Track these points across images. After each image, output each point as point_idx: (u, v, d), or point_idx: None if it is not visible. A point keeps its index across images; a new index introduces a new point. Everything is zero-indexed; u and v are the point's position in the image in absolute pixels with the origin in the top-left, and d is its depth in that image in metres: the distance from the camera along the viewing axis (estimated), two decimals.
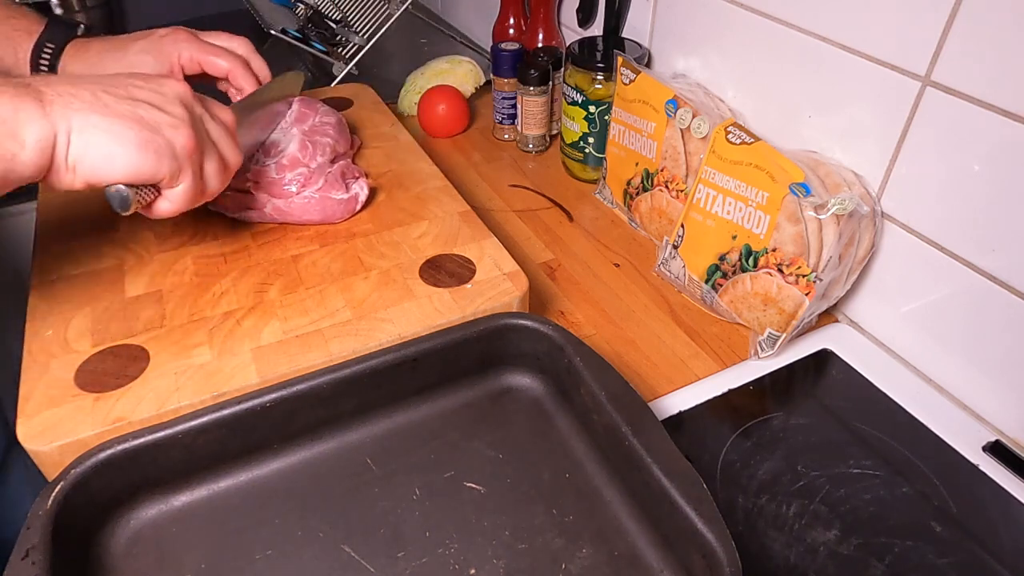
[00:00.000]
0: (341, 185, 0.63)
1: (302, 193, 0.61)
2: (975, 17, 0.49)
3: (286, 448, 0.48)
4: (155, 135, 0.45)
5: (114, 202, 0.46)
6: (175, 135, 0.46)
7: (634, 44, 0.81)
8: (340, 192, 0.63)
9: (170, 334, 0.52)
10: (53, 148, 0.42)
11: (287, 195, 0.61)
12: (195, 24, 0.69)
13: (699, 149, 0.66)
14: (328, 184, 0.62)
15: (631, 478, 0.45)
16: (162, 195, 0.48)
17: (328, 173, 0.63)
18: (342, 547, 0.44)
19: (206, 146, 0.49)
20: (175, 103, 0.47)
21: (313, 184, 0.62)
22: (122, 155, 0.44)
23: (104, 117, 0.43)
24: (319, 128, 0.66)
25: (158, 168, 0.45)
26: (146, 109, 0.46)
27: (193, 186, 0.48)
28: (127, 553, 0.43)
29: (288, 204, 0.61)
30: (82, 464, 0.41)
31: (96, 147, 0.43)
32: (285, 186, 0.61)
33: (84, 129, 0.43)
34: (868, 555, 0.47)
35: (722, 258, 0.63)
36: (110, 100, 0.44)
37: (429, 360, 0.50)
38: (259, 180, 0.61)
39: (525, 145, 0.92)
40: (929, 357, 0.60)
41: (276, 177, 0.61)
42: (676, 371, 0.61)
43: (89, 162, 0.43)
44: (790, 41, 0.63)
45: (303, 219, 0.62)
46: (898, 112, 0.56)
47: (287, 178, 0.61)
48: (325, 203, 0.62)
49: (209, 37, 0.65)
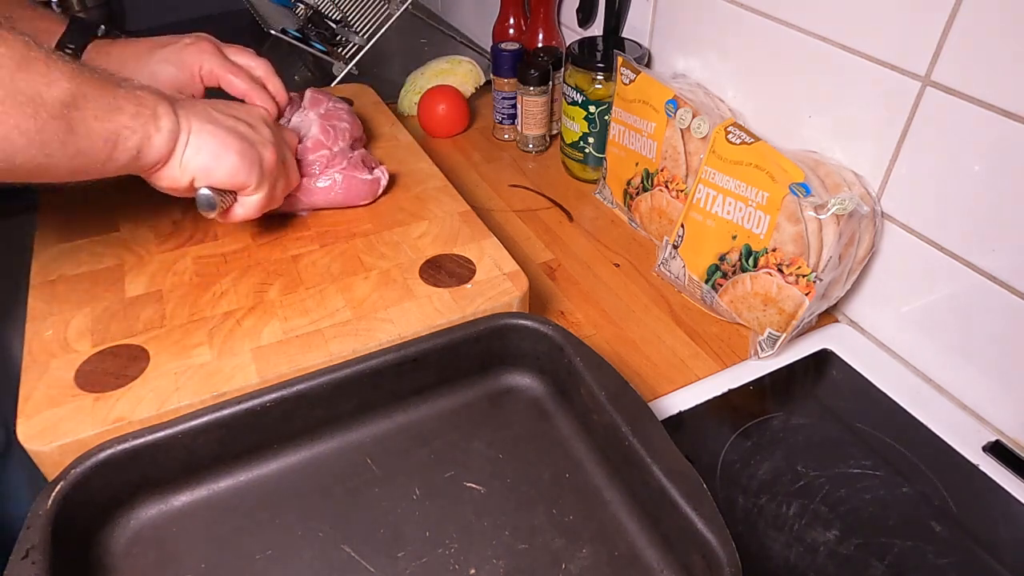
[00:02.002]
0: (364, 168, 0.65)
1: (326, 173, 0.63)
2: (975, 17, 0.49)
3: (286, 448, 0.48)
4: (252, 148, 0.53)
5: (203, 203, 0.52)
6: (265, 151, 0.55)
7: (634, 44, 0.81)
8: (364, 173, 0.65)
9: (170, 334, 0.52)
10: (175, 141, 0.49)
11: (312, 175, 0.63)
12: (196, 24, 0.69)
13: (699, 149, 0.66)
14: (352, 166, 0.64)
15: (631, 478, 0.45)
16: (238, 201, 0.55)
17: (350, 157, 0.65)
18: (342, 547, 0.44)
19: (281, 165, 0.57)
20: (263, 126, 0.57)
21: (337, 165, 0.63)
22: (227, 160, 0.51)
23: (216, 127, 0.52)
24: (334, 113, 0.68)
25: (249, 176, 0.53)
26: (244, 127, 0.54)
27: (267, 196, 0.56)
28: (127, 553, 0.43)
29: (312, 184, 0.63)
30: (82, 464, 0.41)
31: (207, 149, 0.51)
32: (311, 166, 0.63)
33: (200, 133, 0.50)
34: (868, 555, 0.47)
35: (722, 258, 0.63)
36: (218, 115, 0.53)
37: (429, 360, 0.50)
38: None
39: (525, 145, 0.92)
40: (929, 357, 0.60)
41: (301, 159, 0.63)
42: (676, 371, 0.61)
43: (199, 161, 0.50)
44: (790, 41, 0.63)
45: (328, 200, 0.64)
46: (898, 112, 0.56)
47: (311, 158, 0.63)
48: (350, 183, 0.64)
49: (232, 52, 0.66)
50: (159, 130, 0.48)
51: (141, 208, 0.65)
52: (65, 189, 0.68)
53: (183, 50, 0.63)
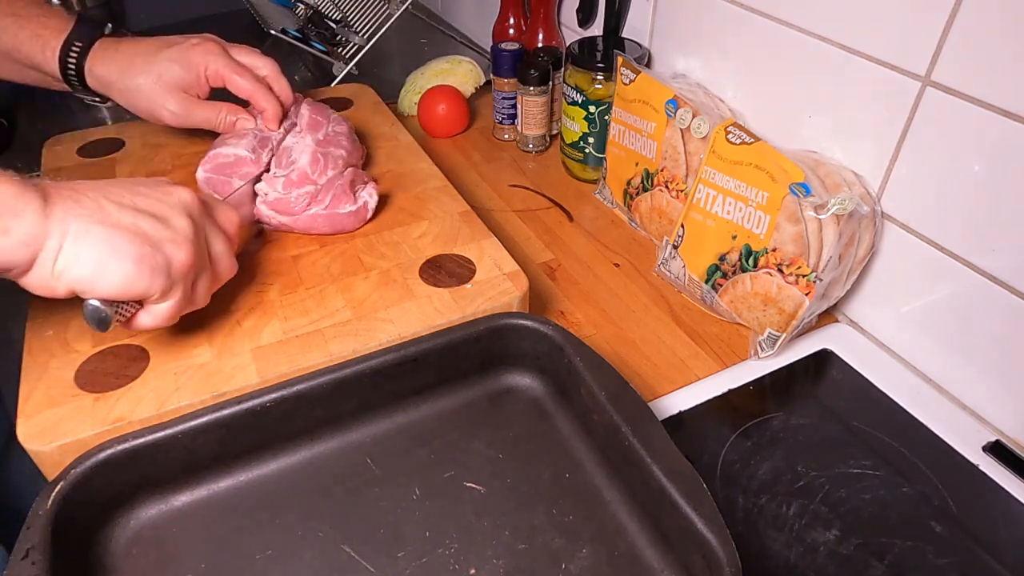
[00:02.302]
0: (350, 196, 0.62)
1: (308, 210, 0.61)
2: (975, 17, 0.49)
3: (286, 448, 0.48)
4: (155, 252, 0.43)
5: (92, 321, 0.43)
6: (175, 252, 0.44)
7: (634, 44, 0.81)
8: (348, 204, 0.62)
9: (170, 334, 0.52)
10: (40, 250, 0.40)
11: (292, 212, 0.61)
12: (196, 24, 0.69)
13: (699, 149, 0.66)
14: (335, 199, 0.61)
15: (631, 478, 0.45)
16: (144, 309, 0.46)
17: (337, 186, 0.62)
18: (342, 547, 0.44)
19: (203, 262, 0.48)
20: (180, 215, 0.46)
21: (319, 203, 0.61)
22: (115, 270, 0.42)
23: (104, 228, 0.42)
24: (332, 138, 0.66)
25: (150, 286, 0.43)
26: (149, 222, 0.44)
27: (180, 302, 0.46)
28: (127, 553, 0.43)
29: (294, 221, 0.61)
30: (82, 464, 0.41)
31: (89, 258, 0.41)
32: (292, 204, 0.61)
33: (82, 237, 0.41)
34: (868, 555, 0.47)
35: (722, 258, 0.63)
36: (113, 209, 0.43)
37: (429, 360, 0.50)
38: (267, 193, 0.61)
39: (525, 145, 0.92)
40: (929, 357, 0.60)
41: (283, 194, 0.61)
42: (676, 371, 0.61)
43: (78, 271, 0.41)
44: (790, 41, 0.63)
45: (312, 231, 0.62)
46: (898, 112, 0.56)
47: (293, 196, 0.61)
48: (333, 218, 0.62)
49: (238, 53, 0.65)
50: (6, 233, 0.38)
51: None
52: None
53: (189, 50, 0.62)
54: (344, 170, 0.64)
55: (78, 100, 1.03)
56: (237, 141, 0.63)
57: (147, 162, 0.72)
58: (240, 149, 0.62)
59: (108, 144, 0.75)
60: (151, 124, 0.80)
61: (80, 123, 0.94)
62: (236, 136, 0.63)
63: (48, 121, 0.94)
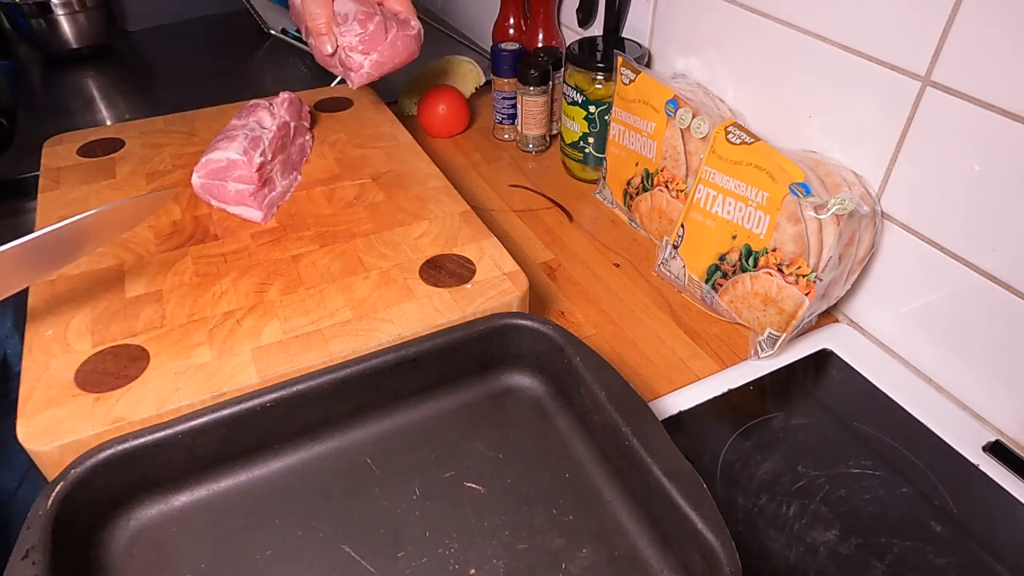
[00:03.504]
0: (403, 22, 0.72)
1: (387, 39, 0.70)
2: (975, 17, 0.49)
3: (286, 448, 0.48)
4: None
5: None
6: None
7: (634, 44, 0.81)
8: (406, 29, 0.72)
9: (170, 334, 0.52)
10: None
11: (381, 42, 0.70)
12: (196, 24, 0.69)
13: (699, 149, 0.66)
14: (397, 25, 0.71)
15: (631, 478, 0.45)
16: None
17: (389, 18, 0.71)
18: (342, 547, 0.44)
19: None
20: None
21: (391, 30, 0.70)
22: None
23: None
24: None
25: None
26: None
27: None
28: (127, 553, 0.43)
29: (382, 54, 0.71)
30: (82, 464, 0.41)
31: None
32: (375, 37, 0.69)
33: None
34: (868, 555, 0.47)
35: (722, 258, 0.63)
36: None
37: (429, 360, 0.50)
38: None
39: (525, 145, 0.92)
40: (929, 357, 0.60)
41: (364, 31, 0.69)
42: (676, 371, 0.61)
43: None
44: (790, 41, 0.63)
45: (394, 61, 0.72)
46: (898, 112, 0.56)
47: (371, 29, 0.69)
48: (407, 40, 0.71)
49: None
50: None
51: None
52: (64, 187, 0.68)
53: None
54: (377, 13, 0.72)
55: (78, 100, 1.03)
56: (227, 144, 0.63)
57: (147, 162, 0.72)
58: (231, 152, 0.62)
59: (108, 144, 0.75)
60: (151, 124, 0.81)
61: (80, 123, 0.94)
62: (227, 139, 0.64)
63: (48, 121, 0.94)
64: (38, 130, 0.90)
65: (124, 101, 1.02)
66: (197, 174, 0.63)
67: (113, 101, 1.02)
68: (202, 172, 0.63)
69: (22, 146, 0.90)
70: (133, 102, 1.02)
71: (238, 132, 0.64)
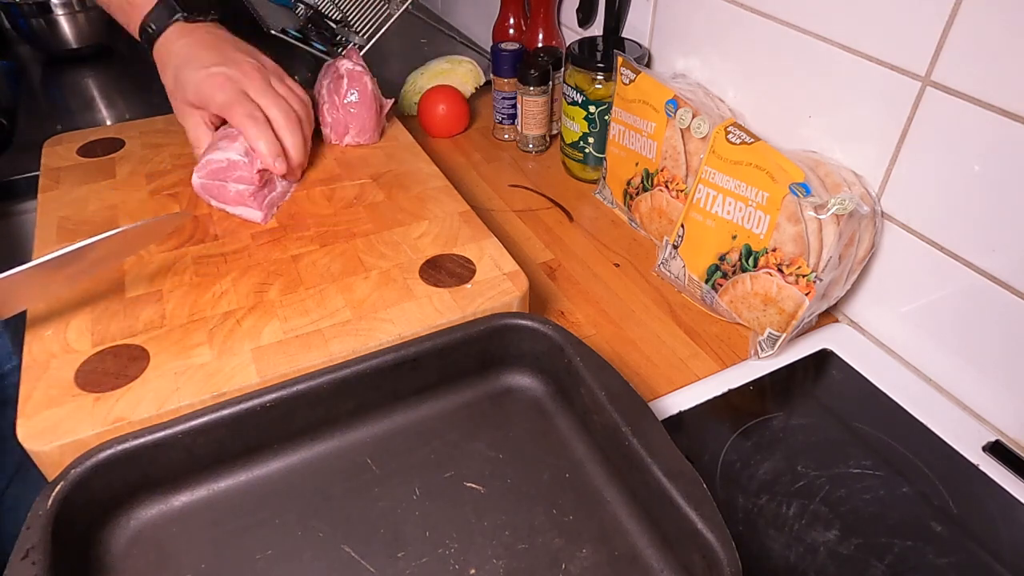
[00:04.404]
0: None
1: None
2: (975, 17, 0.49)
3: (286, 448, 0.48)
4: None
5: None
6: None
7: (634, 44, 0.81)
8: None
9: (170, 334, 0.52)
10: None
11: (371, 115, 0.75)
12: None
13: (699, 149, 0.66)
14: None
15: (631, 478, 0.45)
16: None
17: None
18: (342, 547, 0.44)
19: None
20: None
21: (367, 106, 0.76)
22: None
23: None
24: None
25: None
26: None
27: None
28: (127, 553, 0.43)
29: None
30: (82, 464, 0.41)
31: None
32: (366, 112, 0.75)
33: None
34: (868, 555, 0.47)
35: (722, 258, 0.63)
36: None
37: (429, 360, 0.50)
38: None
39: (525, 145, 0.92)
40: (929, 357, 0.60)
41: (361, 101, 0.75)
42: (676, 371, 0.61)
43: None
44: (790, 41, 0.63)
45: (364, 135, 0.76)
46: (898, 112, 0.56)
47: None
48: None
49: (279, 84, 0.69)
50: None
51: (141, 208, 0.66)
52: (64, 187, 0.68)
53: (214, 79, 0.65)
54: None
55: (78, 100, 1.03)
56: (228, 144, 0.63)
57: (147, 162, 0.72)
58: (231, 153, 0.62)
59: (108, 144, 0.75)
60: (151, 124, 0.81)
61: (80, 123, 0.94)
62: (228, 139, 0.63)
63: (48, 121, 0.94)
64: (38, 130, 0.90)
65: (124, 101, 1.02)
66: (197, 174, 0.63)
67: (113, 101, 1.02)
68: (202, 172, 0.63)
69: (22, 146, 0.90)
70: (133, 102, 1.01)
71: (238, 132, 0.64)
